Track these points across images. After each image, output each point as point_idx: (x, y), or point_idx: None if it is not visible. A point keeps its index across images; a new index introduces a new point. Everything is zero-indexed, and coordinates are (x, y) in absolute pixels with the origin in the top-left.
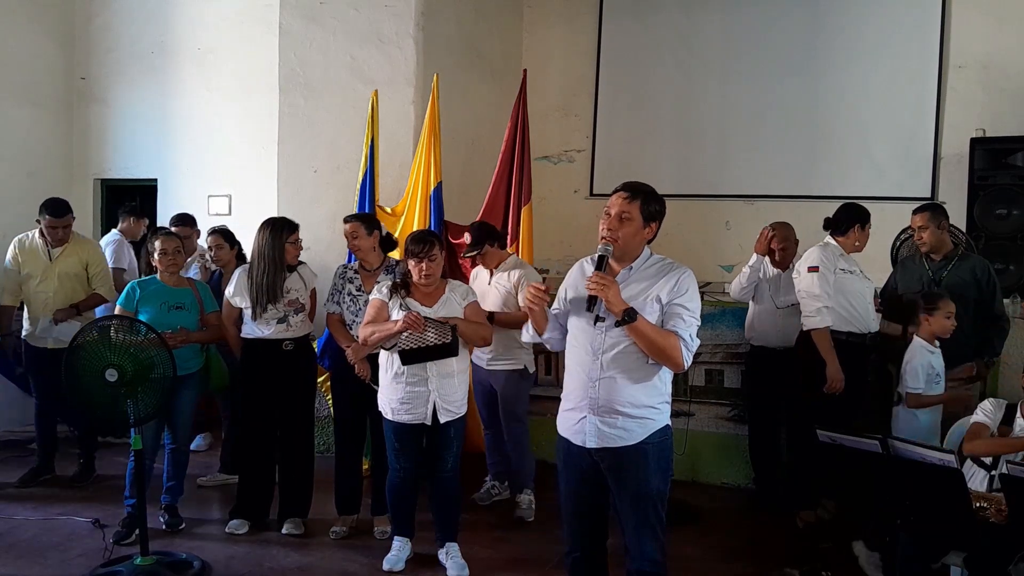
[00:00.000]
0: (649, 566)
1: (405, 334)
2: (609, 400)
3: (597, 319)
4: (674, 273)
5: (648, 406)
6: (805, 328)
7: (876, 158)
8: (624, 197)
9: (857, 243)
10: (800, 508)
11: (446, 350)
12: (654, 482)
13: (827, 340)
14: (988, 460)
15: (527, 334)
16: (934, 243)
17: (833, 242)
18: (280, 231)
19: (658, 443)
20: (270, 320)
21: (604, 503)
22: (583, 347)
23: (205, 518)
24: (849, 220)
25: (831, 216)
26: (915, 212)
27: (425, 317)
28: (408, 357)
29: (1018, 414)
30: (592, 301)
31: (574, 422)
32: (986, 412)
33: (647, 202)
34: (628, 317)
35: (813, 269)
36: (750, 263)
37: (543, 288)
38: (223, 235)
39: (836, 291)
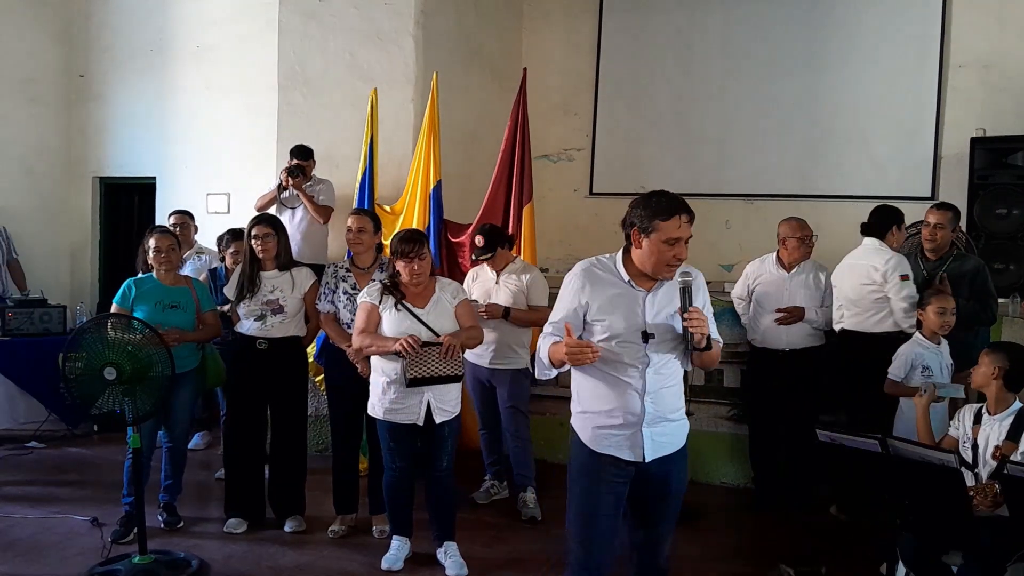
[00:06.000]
0: (664, 562)
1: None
2: (660, 411)
3: (648, 337)
4: (698, 279)
5: (681, 407)
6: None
7: (876, 157)
8: (689, 220)
9: (895, 245)
10: (802, 509)
11: (454, 379)
12: (686, 479)
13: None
14: (970, 459)
15: (546, 372)
16: (942, 244)
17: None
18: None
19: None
20: (249, 316)
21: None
22: (627, 363)
23: (203, 517)
24: (887, 223)
25: (866, 221)
26: (936, 208)
27: (424, 343)
28: (416, 383)
29: (984, 413)
30: (686, 334)
31: (624, 438)
32: (955, 425)
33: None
34: (709, 342)
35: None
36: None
37: (593, 349)
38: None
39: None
